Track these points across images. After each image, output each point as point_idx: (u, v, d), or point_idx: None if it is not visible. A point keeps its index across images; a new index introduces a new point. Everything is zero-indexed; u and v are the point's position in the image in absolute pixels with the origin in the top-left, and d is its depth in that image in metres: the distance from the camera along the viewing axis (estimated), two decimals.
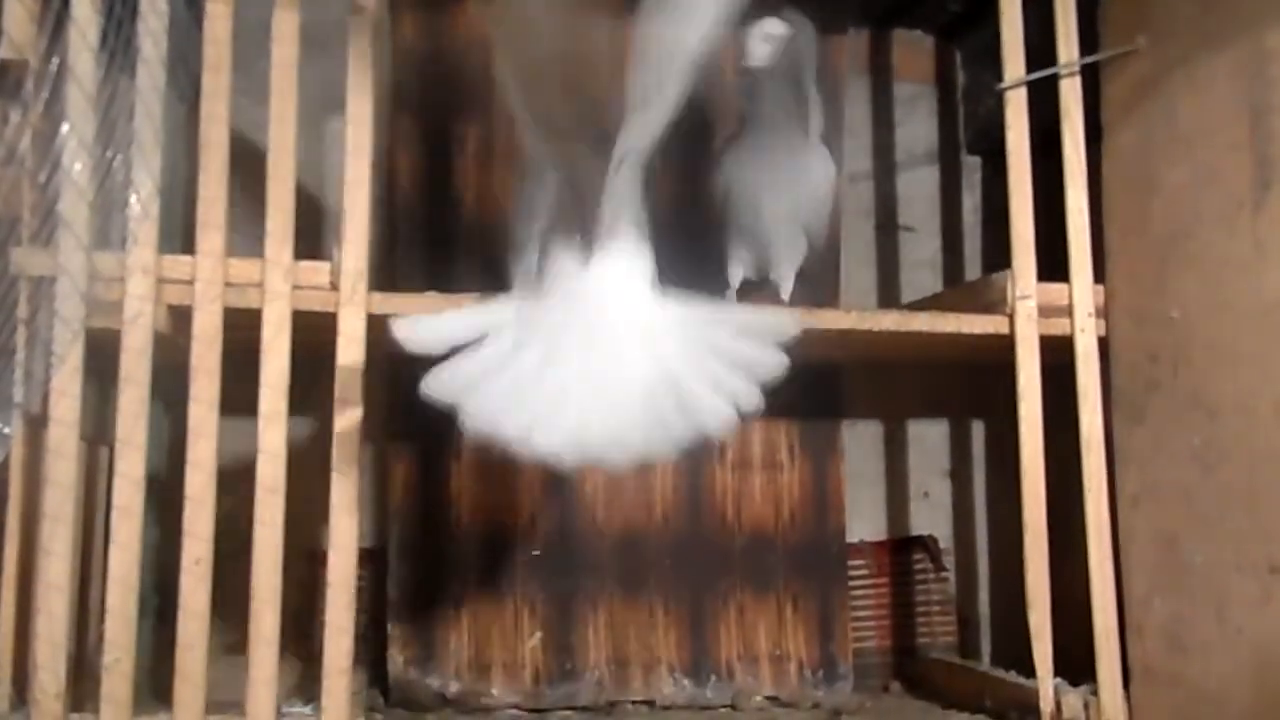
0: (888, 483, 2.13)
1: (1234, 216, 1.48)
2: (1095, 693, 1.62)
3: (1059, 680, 1.65)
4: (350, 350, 1.49)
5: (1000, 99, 1.74)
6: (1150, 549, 1.60)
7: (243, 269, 1.49)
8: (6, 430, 1.41)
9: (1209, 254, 1.53)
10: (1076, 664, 1.65)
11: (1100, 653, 1.62)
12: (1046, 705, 1.62)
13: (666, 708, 1.88)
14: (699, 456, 2.00)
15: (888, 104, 2.21)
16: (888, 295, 2.16)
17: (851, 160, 2.15)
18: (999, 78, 1.76)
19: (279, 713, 1.43)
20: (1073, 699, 1.62)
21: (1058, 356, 1.69)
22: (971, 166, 2.21)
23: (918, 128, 2.21)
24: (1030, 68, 1.73)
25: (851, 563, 2.06)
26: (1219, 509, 1.49)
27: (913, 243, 2.19)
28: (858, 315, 1.70)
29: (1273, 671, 1.39)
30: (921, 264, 2.18)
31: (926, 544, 2.11)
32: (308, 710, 1.46)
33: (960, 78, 2.22)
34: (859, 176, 2.17)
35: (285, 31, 1.53)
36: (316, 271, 1.51)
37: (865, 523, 2.10)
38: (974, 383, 2.08)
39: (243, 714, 1.42)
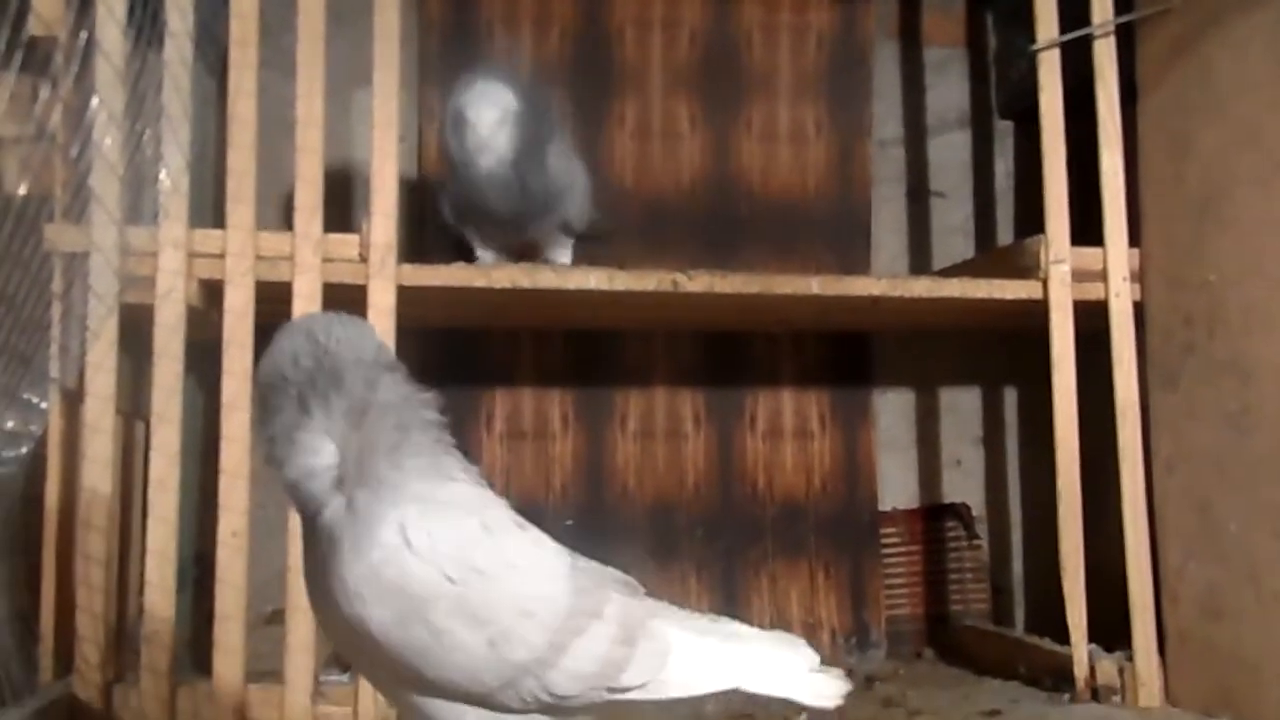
0: (920, 450, 2.12)
1: (1271, 178, 1.46)
2: (1130, 658, 1.61)
3: (1093, 646, 1.65)
4: (380, 321, 1.50)
5: (1033, 62, 1.72)
6: (1185, 515, 1.58)
7: (273, 242, 1.50)
8: (43, 405, 1.43)
9: (1246, 216, 1.50)
10: (1111, 630, 1.64)
11: (1135, 619, 1.61)
12: (1081, 671, 1.62)
13: None
14: (730, 425, 2.01)
15: (918, 69, 2.18)
16: (919, 261, 2.15)
17: (881, 126, 2.13)
18: (1032, 40, 1.73)
19: (317, 681, 1.45)
20: (1107, 665, 1.62)
21: (1092, 322, 1.67)
22: (1003, 131, 2.18)
23: (949, 92, 2.19)
24: (1064, 29, 1.70)
25: (884, 530, 2.06)
26: (1253, 474, 1.47)
27: (944, 208, 2.17)
28: (889, 282, 1.69)
29: None
30: (953, 230, 2.16)
31: (959, 512, 2.11)
32: (344, 679, 1.47)
33: (992, 41, 2.19)
34: (889, 143, 2.15)
35: (311, 6, 1.53)
36: (346, 244, 1.51)
37: (897, 490, 2.10)
38: (1007, 349, 2.06)
39: (281, 682, 1.43)
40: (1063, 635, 1.65)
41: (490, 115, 1.55)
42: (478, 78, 1.59)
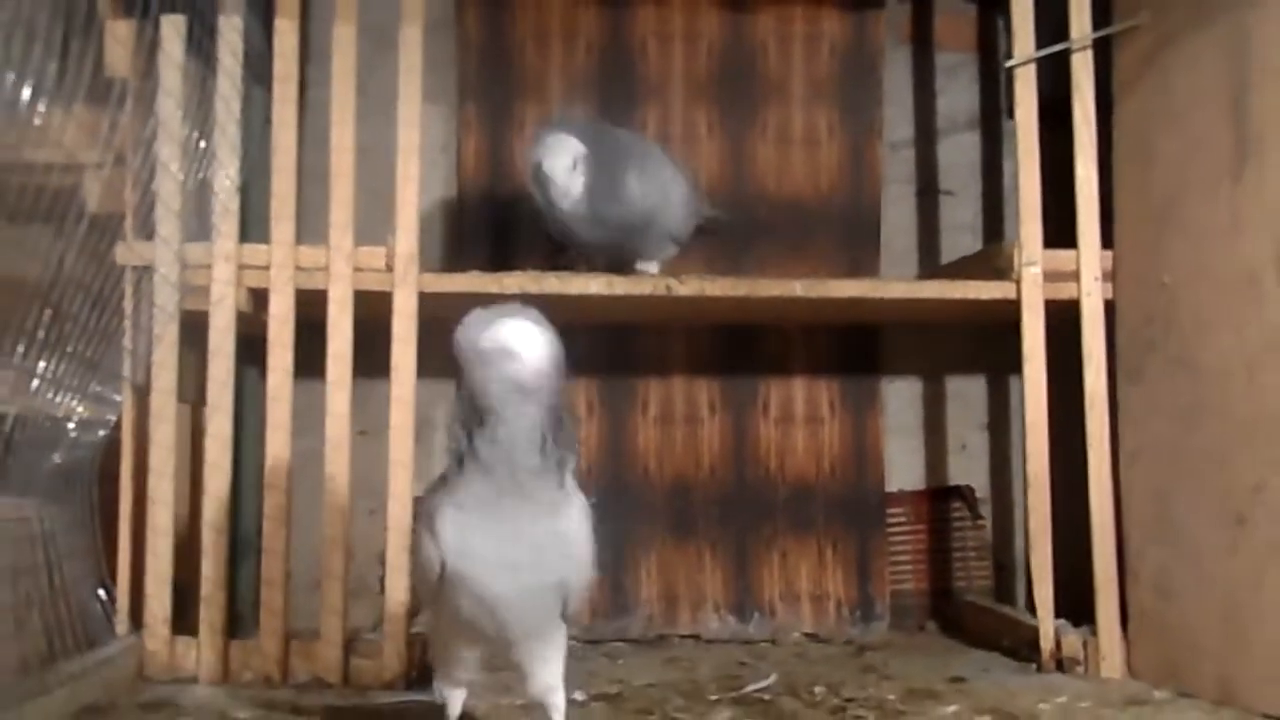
0: (927, 435, 2.25)
1: (1216, 187, 1.56)
2: (1094, 633, 1.73)
3: (1061, 621, 1.77)
4: (403, 323, 1.69)
5: (1040, 66, 1.82)
6: (1144, 502, 1.69)
7: (311, 255, 1.71)
8: (118, 398, 1.67)
9: (1195, 222, 1.60)
10: (1094, 609, 1.75)
11: (1099, 596, 1.73)
12: (1047, 643, 1.75)
13: (711, 641, 2.07)
14: (744, 412, 2.16)
15: (929, 73, 2.29)
16: (928, 258, 2.26)
17: (893, 129, 2.25)
18: (1045, 41, 1.83)
19: (355, 637, 1.66)
20: (1073, 638, 1.74)
21: (1073, 319, 1.78)
22: (1012, 132, 2.26)
23: (960, 95, 2.29)
24: (1057, 39, 1.80)
25: (891, 511, 2.20)
26: (1199, 466, 1.58)
27: (953, 207, 2.28)
28: (869, 284, 1.83)
29: (1239, 616, 1.49)
30: (962, 227, 2.27)
31: (963, 493, 2.23)
32: (373, 635, 1.68)
33: (1003, 44, 2.28)
34: (900, 144, 2.27)
35: (344, 43, 1.72)
36: (374, 256, 1.71)
37: (905, 473, 2.23)
38: (1011, 340, 2.16)
39: (317, 636, 1.65)
40: (1060, 613, 1.77)
41: (562, 164, 1.71)
42: (548, 130, 1.75)
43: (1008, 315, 1.84)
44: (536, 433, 1.11)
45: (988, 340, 2.20)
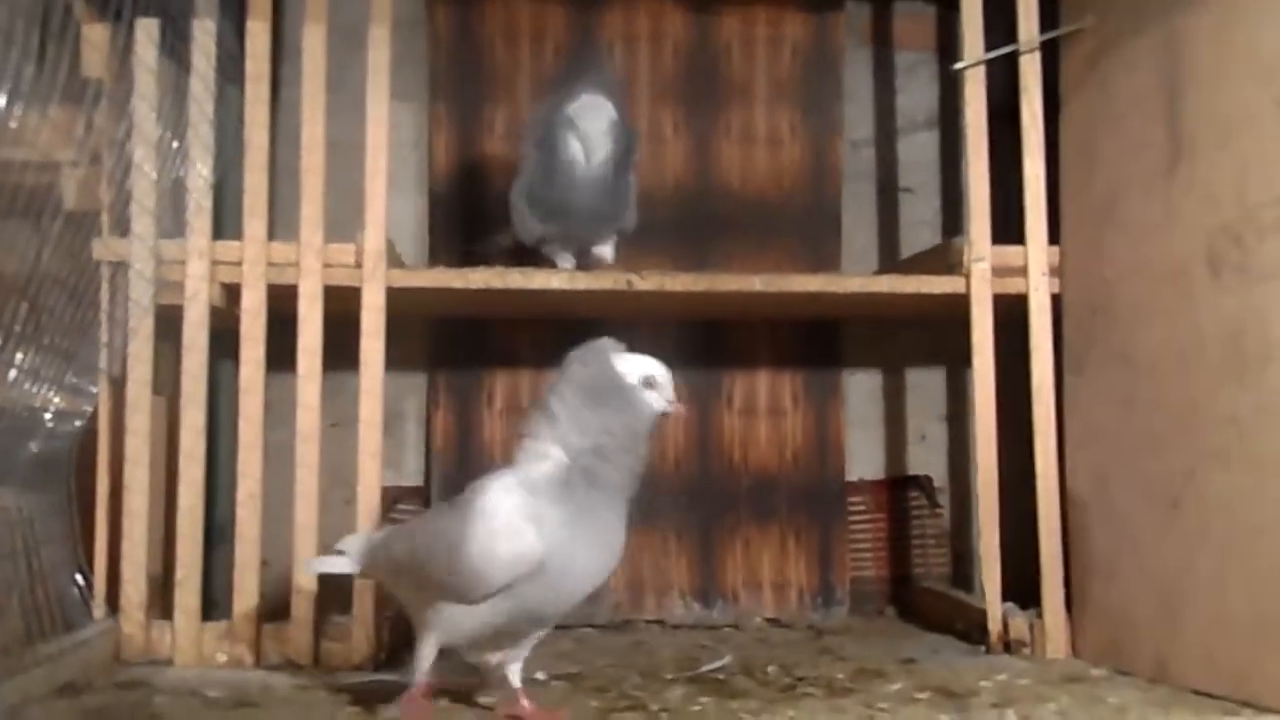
0: (887, 426, 2.32)
1: (1152, 185, 1.62)
2: (1041, 616, 1.80)
3: (1010, 604, 1.84)
4: (372, 318, 1.75)
5: (996, 65, 1.88)
6: (1088, 489, 1.76)
7: (282, 251, 1.76)
8: (94, 390, 1.72)
9: (1133, 219, 1.67)
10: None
11: (1045, 580, 1.80)
12: (995, 626, 1.81)
13: (676, 626, 2.13)
14: (708, 404, 2.22)
15: (889, 73, 2.36)
16: (888, 253, 2.33)
17: (854, 128, 2.32)
18: (1002, 41, 1.89)
19: (319, 620, 1.72)
20: (1019, 621, 1.81)
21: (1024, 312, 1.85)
22: None
23: (919, 94, 2.35)
24: (1010, 41, 1.86)
25: (851, 500, 2.26)
26: (1136, 453, 1.64)
27: (913, 204, 2.34)
28: (825, 279, 1.90)
29: (1173, 597, 1.56)
30: (923, 224, 2.33)
31: (922, 483, 2.30)
32: (343, 619, 1.74)
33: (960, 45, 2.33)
34: (861, 143, 2.34)
35: (314, 43, 1.78)
36: (344, 252, 1.77)
37: (865, 463, 2.30)
38: (969, 333, 2.23)
39: (289, 620, 1.71)
40: (1015, 597, 1.84)
41: (597, 126, 1.77)
42: (585, 89, 1.78)
43: (962, 309, 1.90)
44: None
45: (946, 334, 2.25)
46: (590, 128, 1.77)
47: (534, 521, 1.24)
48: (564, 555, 1.24)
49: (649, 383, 1.33)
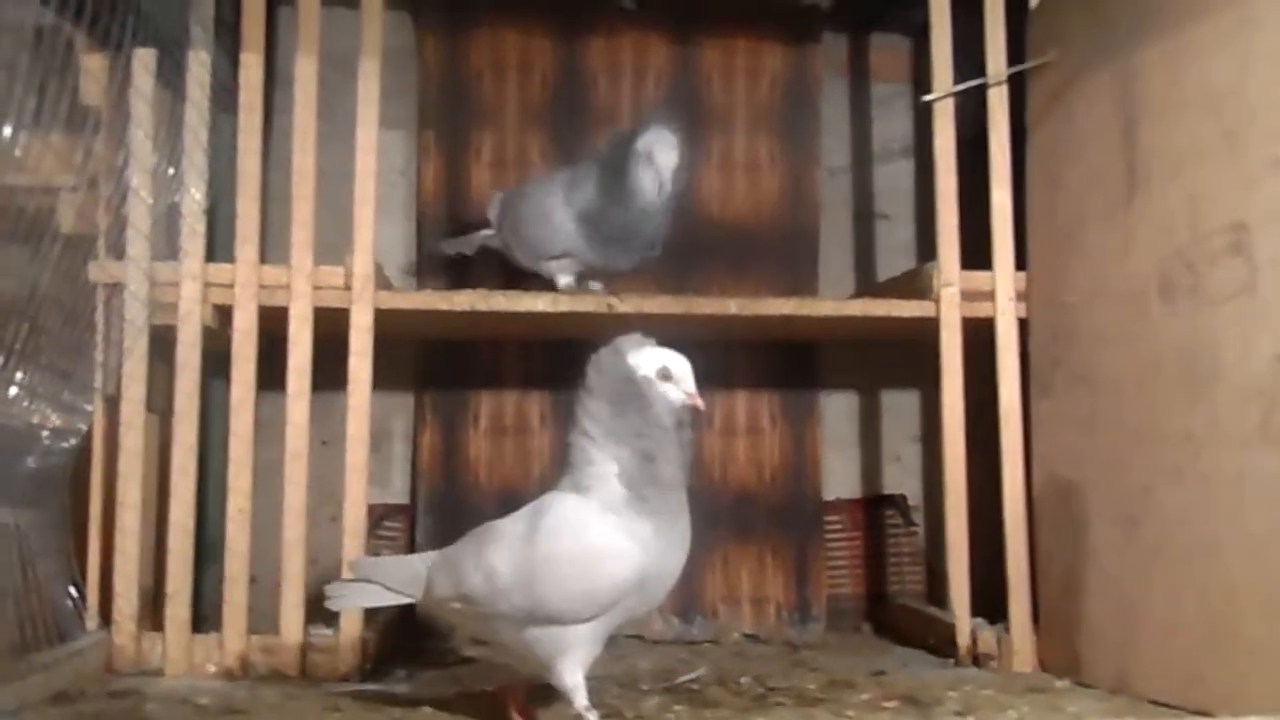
0: (862, 446, 2.38)
1: (1111, 213, 1.69)
2: (1008, 630, 1.85)
3: (979, 619, 1.89)
4: (360, 338, 1.81)
5: (970, 95, 1.95)
6: (1053, 506, 1.82)
7: (273, 274, 1.82)
8: (89, 408, 1.77)
9: (1093, 246, 1.73)
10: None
11: (1011, 595, 1.86)
12: (963, 639, 1.87)
13: (656, 641, 2.17)
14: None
15: (865, 103, 2.43)
16: (864, 278, 2.39)
17: (831, 156, 2.39)
18: (973, 73, 1.96)
19: (306, 633, 1.76)
20: (987, 634, 1.86)
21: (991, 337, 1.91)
22: None
23: (894, 123, 2.42)
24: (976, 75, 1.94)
25: (828, 518, 2.32)
26: (1098, 471, 1.70)
27: (889, 230, 2.41)
28: (797, 302, 1.96)
29: (1132, 610, 1.61)
30: (898, 249, 2.40)
31: (897, 502, 2.36)
32: (329, 631, 1.78)
33: None
34: (838, 170, 2.40)
35: (306, 74, 1.84)
36: (333, 275, 1.83)
37: (842, 482, 2.35)
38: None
39: (277, 633, 1.75)
40: (986, 613, 1.90)
41: (671, 161, 1.85)
42: (660, 124, 1.87)
43: (933, 333, 1.97)
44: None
45: (920, 357, 2.31)
46: (665, 162, 1.84)
47: (629, 536, 1.29)
48: (658, 560, 1.30)
49: (664, 375, 1.36)
